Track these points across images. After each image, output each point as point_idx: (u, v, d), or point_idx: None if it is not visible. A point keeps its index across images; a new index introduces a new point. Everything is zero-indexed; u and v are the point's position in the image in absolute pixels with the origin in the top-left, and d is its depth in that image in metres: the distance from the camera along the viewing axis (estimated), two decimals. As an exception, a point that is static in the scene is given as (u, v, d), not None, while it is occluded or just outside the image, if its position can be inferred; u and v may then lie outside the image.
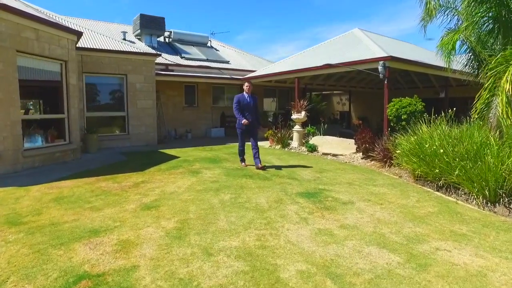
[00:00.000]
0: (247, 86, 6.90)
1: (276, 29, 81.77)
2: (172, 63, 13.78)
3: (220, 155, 8.61)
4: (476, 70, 7.25)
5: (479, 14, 5.27)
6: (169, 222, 3.73)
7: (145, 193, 4.92)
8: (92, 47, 10.03)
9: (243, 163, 7.08)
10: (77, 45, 9.23)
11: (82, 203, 4.35)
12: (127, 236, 3.29)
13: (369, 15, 75.91)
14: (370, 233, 3.47)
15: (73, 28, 8.53)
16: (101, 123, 10.53)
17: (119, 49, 10.50)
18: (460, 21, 6.94)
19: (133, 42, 13.71)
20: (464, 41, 6.62)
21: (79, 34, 8.08)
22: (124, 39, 13.59)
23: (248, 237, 3.32)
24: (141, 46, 13.16)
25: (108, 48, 10.30)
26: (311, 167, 7.15)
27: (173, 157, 8.26)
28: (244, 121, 6.67)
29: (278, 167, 7.01)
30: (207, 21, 68.31)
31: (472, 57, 7.07)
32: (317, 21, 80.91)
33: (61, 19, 10.67)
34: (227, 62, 15.94)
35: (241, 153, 7.14)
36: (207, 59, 15.27)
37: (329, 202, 4.55)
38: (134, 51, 10.82)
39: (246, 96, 6.81)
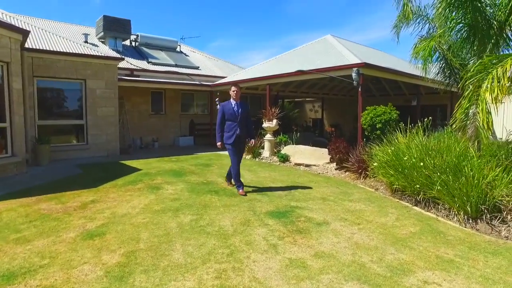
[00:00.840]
0: (234, 91, 5.51)
1: (250, 36, 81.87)
2: (138, 68, 13.00)
3: (186, 167, 7.97)
4: (448, 79, 7.17)
5: (454, 21, 5.06)
6: (113, 255, 3.09)
7: (92, 216, 4.23)
8: (45, 48, 9.11)
9: (240, 190, 5.45)
10: (27, 46, 8.35)
11: (8, 233, 3.60)
12: (52, 280, 2.63)
13: (342, 25, 77.82)
14: (349, 263, 3.01)
15: (20, 26, 7.64)
16: (56, 132, 9.58)
17: (76, 52, 9.63)
18: (432, 29, 6.85)
19: (96, 45, 12.80)
20: (436, 48, 6.48)
21: (25, 33, 7.19)
22: (86, 41, 12.66)
23: (206, 274, 2.76)
24: (104, 50, 12.28)
25: (64, 51, 9.40)
26: (283, 179, 6.69)
27: (134, 170, 7.53)
28: (218, 143, 5.49)
29: (248, 181, 6.48)
30: (180, 29, 67.08)
31: (444, 65, 6.99)
32: (290, 29, 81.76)
33: (10, 17, 9.64)
34: (197, 68, 15.34)
35: (237, 176, 5.51)
36: (176, 64, 14.59)
37: (302, 223, 4.07)
38: (94, 54, 9.97)
39: (232, 105, 5.49)
